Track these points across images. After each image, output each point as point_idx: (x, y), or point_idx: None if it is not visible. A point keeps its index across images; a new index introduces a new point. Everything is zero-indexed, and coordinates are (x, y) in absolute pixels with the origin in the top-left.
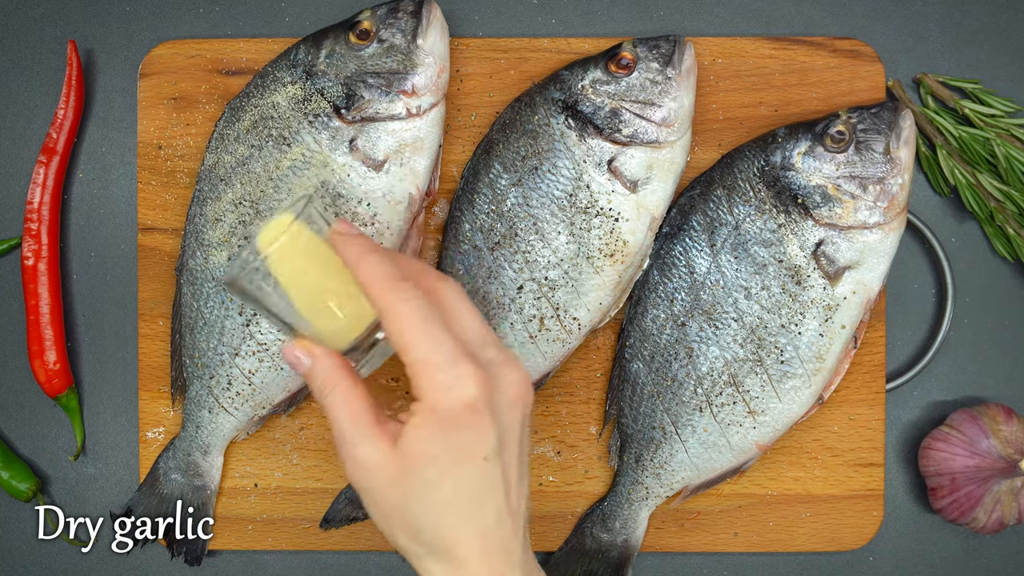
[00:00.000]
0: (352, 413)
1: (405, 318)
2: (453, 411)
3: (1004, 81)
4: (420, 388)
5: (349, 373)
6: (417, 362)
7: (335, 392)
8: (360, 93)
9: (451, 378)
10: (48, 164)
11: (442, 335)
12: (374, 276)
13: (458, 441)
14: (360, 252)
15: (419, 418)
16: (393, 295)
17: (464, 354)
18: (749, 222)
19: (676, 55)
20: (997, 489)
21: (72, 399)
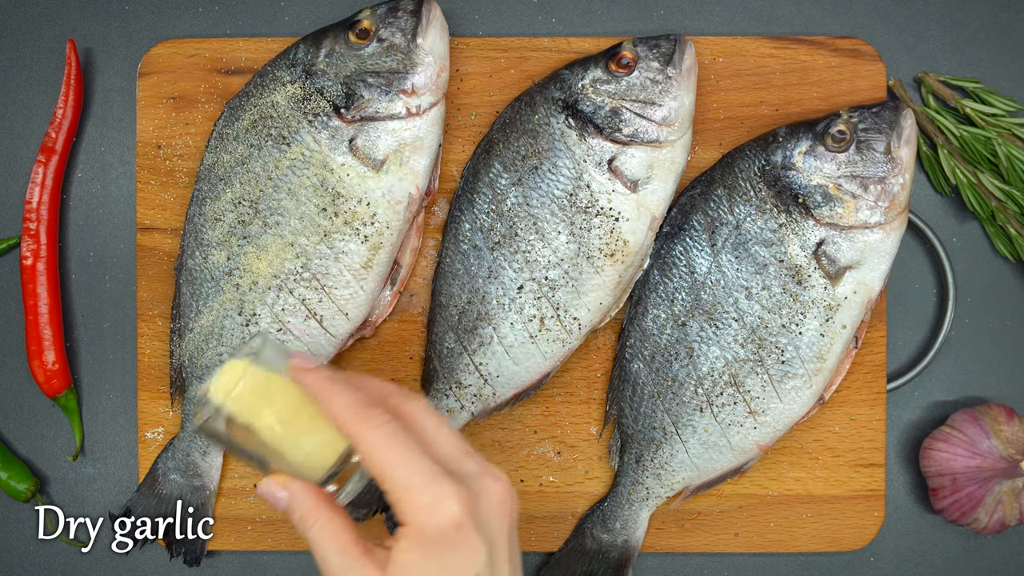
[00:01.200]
0: (337, 545)
1: (378, 446)
2: (440, 531)
3: (1005, 80)
4: (403, 512)
5: (329, 504)
6: (397, 487)
7: (317, 526)
8: (360, 92)
9: (432, 499)
10: (47, 163)
11: (418, 457)
12: (341, 407)
13: (448, 561)
14: (323, 385)
15: (406, 542)
16: (363, 424)
17: (442, 473)
18: (750, 222)
19: (676, 54)
20: (998, 490)
21: (71, 399)
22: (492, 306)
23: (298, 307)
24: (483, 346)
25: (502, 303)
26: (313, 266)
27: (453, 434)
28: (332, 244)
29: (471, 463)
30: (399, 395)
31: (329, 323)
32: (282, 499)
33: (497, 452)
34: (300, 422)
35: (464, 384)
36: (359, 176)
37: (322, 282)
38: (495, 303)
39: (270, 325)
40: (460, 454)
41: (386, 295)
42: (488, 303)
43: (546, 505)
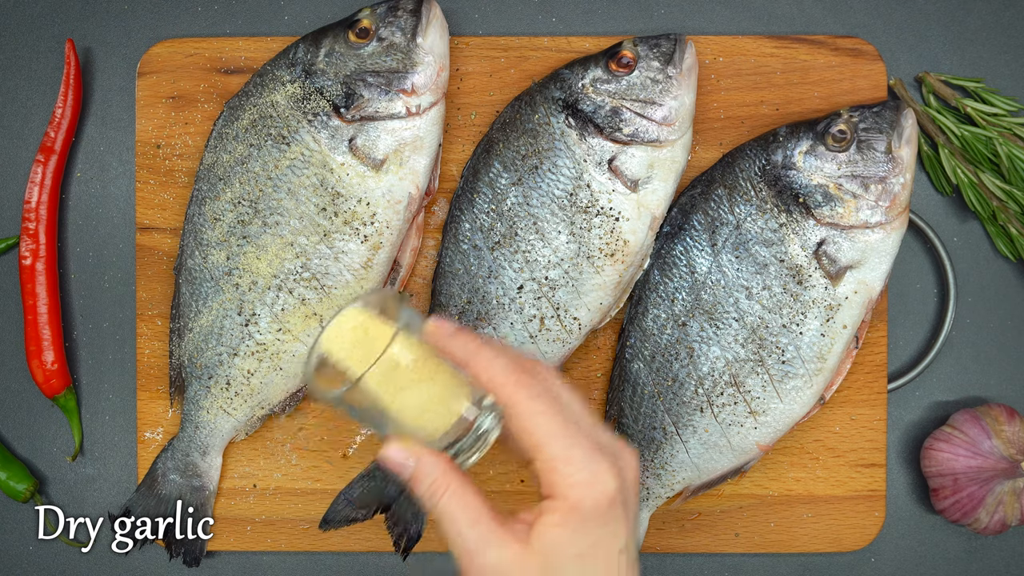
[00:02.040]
0: (471, 516)
1: (539, 415)
2: (596, 508)
3: (1006, 80)
4: (556, 486)
5: (459, 472)
6: (553, 459)
7: (447, 495)
8: (359, 92)
9: (591, 475)
10: (46, 163)
11: (575, 430)
12: (495, 371)
13: (600, 537)
14: (471, 349)
15: (558, 516)
16: (522, 392)
17: (598, 448)
18: (750, 221)
19: (677, 54)
20: (999, 490)
21: (70, 399)
22: (492, 306)
23: (298, 307)
24: None
25: (502, 303)
26: (313, 266)
27: (584, 404)
28: (332, 244)
29: (605, 435)
30: (533, 362)
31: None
32: (409, 467)
33: (497, 452)
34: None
35: None
36: (359, 176)
37: (322, 282)
38: (495, 303)
39: (270, 325)
40: (594, 425)
41: None
42: (488, 303)
43: None
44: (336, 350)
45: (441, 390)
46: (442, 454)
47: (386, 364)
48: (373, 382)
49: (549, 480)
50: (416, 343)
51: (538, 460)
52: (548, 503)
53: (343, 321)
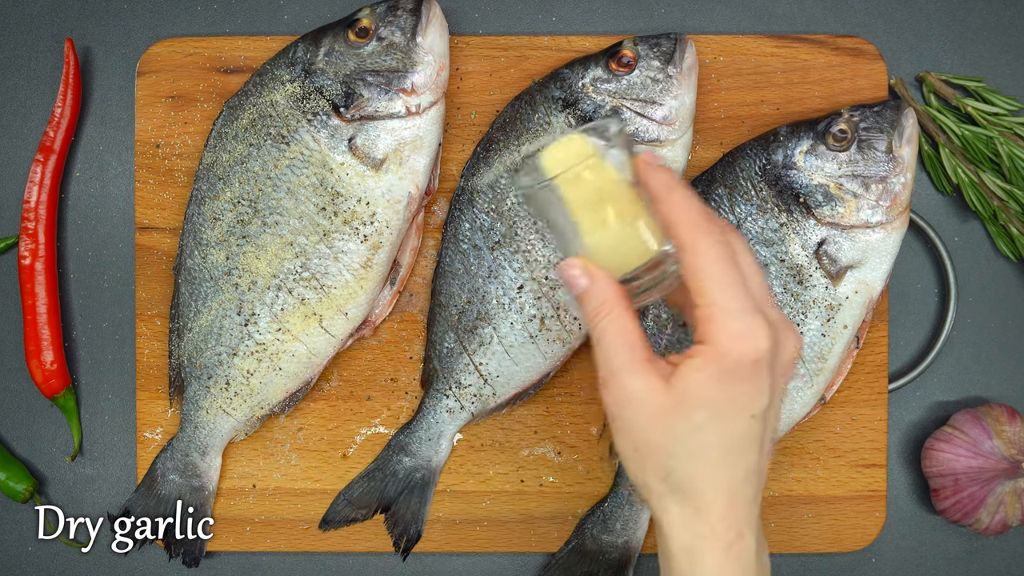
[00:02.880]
0: (627, 342)
1: (711, 260)
2: (740, 361)
3: (1007, 79)
4: (709, 332)
5: (627, 303)
6: (713, 305)
7: (611, 318)
8: (359, 91)
9: (745, 328)
10: (45, 163)
11: (742, 284)
12: (683, 212)
13: (736, 392)
14: (667, 185)
15: (702, 360)
16: (701, 235)
17: (758, 308)
18: (751, 221)
19: (677, 53)
20: (1000, 490)
21: (69, 399)
22: (492, 306)
23: (297, 307)
24: (483, 346)
25: (502, 303)
26: (312, 265)
27: (764, 279)
28: (331, 243)
29: (775, 312)
30: (723, 221)
31: (328, 323)
32: (582, 284)
33: (497, 452)
34: (619, 214)
35: (464, 384)
36: (358, 175)
37: (321, 281)
38: (495, 303)
39: (269, 325)
40: (767, 300)
41: (386, 295)
42: (488, 303)
43: (546, 506)
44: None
45: (634, 226)
46: (617, 281)
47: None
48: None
49: (704, 326)
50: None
51: (699, 304)
52: (697, 347)
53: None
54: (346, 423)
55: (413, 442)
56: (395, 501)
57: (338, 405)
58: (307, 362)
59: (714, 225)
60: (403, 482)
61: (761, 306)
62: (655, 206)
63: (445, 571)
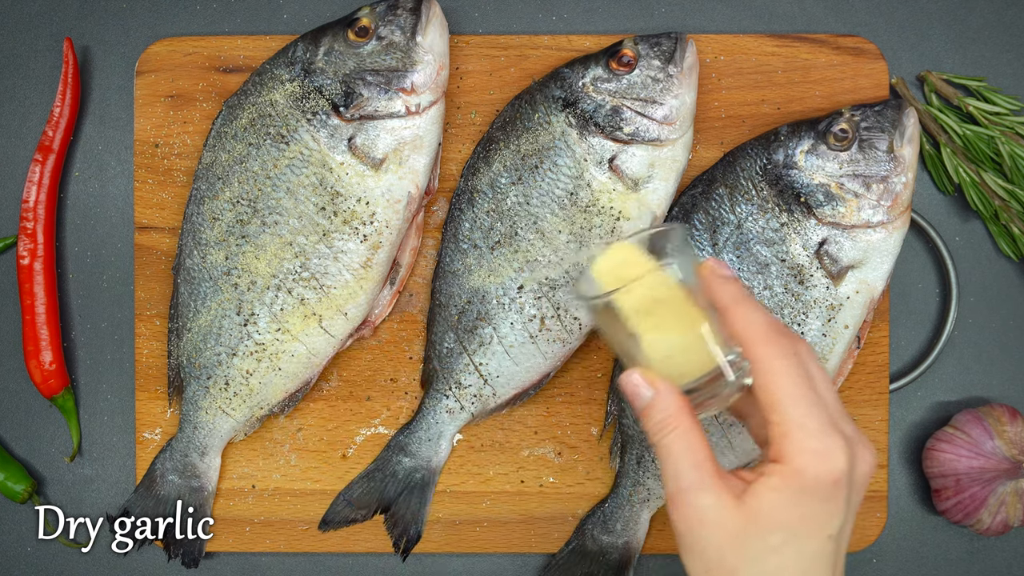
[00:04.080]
0: (695, 458)
1: (784, 376)
2: (819, 481)
3: (1009, 79)
4: (785, 450)
5: (692, 415)
6: (789, 422)
7: (677, 432)
8: (359, 91)
9: (823, 447)
10: (44, 162)
11: (818, 401)
12: (753, 325)
13: (814, 513)
14: (735, 297)
15: (779, 480)
16: (773, 349)
17: (835, 425)
18: (751, 221)
19: (678, 52)
20: (1002, 490)
21: (68, 400)
22: (492, 306)
23: (297, 307)
24: (483, 346)
25: (502, 303)
26: (312, 265)
27: (834, 389)
28: (331, 243)
29: (850, 426)
30: (791, 332)
31: (328, 323)
32: (644, 397)
33: (497, 452)
34: (681, 323)
35: (464, 384)
36: (358, 175)
37: (321, 281)
38: (495, 303)
39: (269, 325)
40: (842, 412)
41: (385, 295)
42: (488, 303)
43: (546, 506)
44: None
45: (697, 335)
46: (681, 392)
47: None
48: (628, 305)
49: (779, 444)
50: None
51: (773, 422)
52: (772, 466)
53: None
54: (346, 423)
55: (413, 442)
56: (395, 501)
57: (338, 405)
58: (307, 362)
59: (785, 339)
60: (403, 482)
61: (838, 423)
62: (722, 317)
63: (445, 572)
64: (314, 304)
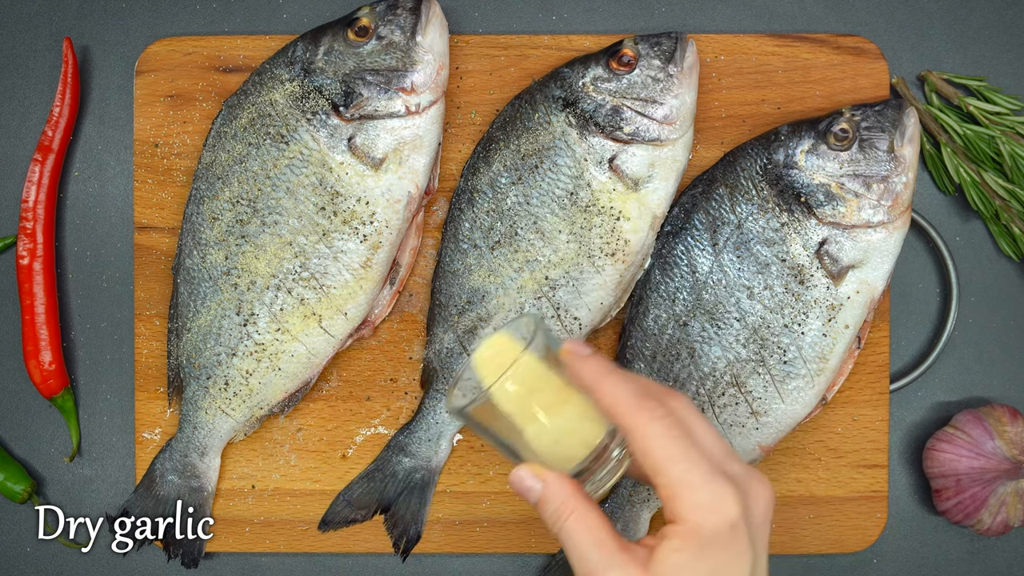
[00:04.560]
0: (595, 539)
1: (657, 438)
2: (716, 532)
3: (1010, 78)
4: (675, 510)
5: (585, 496)
6: (674, 483)
7: (573, 518)
8: (359, 91)
9: (711, 498)
10: (43, 162)
11: (696, 454)
12: (617, 397)
13: (720, 563)
14: (598, 373)
15: (678, 541)
16: (643, 415)
17: (720, 472)
18: (752, 221)
19: (678, 52)
20: (1002, 491)
21: (67, 400)
22: (492, 306)
23: (296, 307)
24: None
25: (502, 303)
26: (312, 265)
27: (716, 432)
28: (331, 243)
29: (737, 464)
30: (664, 391)
31: (328, 323)
32: (535, 490)
33: (497, 453)
34: (560, 411)
35: None
36: (358, 175)
37: (320, 281)
38: (495, 303)
39: (268, 325)
40: (726, 454)
41: (385, 295)
42: (488, 303)
43: None
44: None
45: (574, 418)
46: (568, 478)
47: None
48: (504, 401)
49: (671, 505)
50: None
51: (660, 485)
52: (669, 527)
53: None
54: (345, 423)
55: (413, 442)
56: (395, 502)
57: (337, 405)
58: (306, 362)
59: (653, 401)
60: (403, 483)
61: (722, 466)
62: (591, 396)
63: (445, 572)
64: (314, 304)
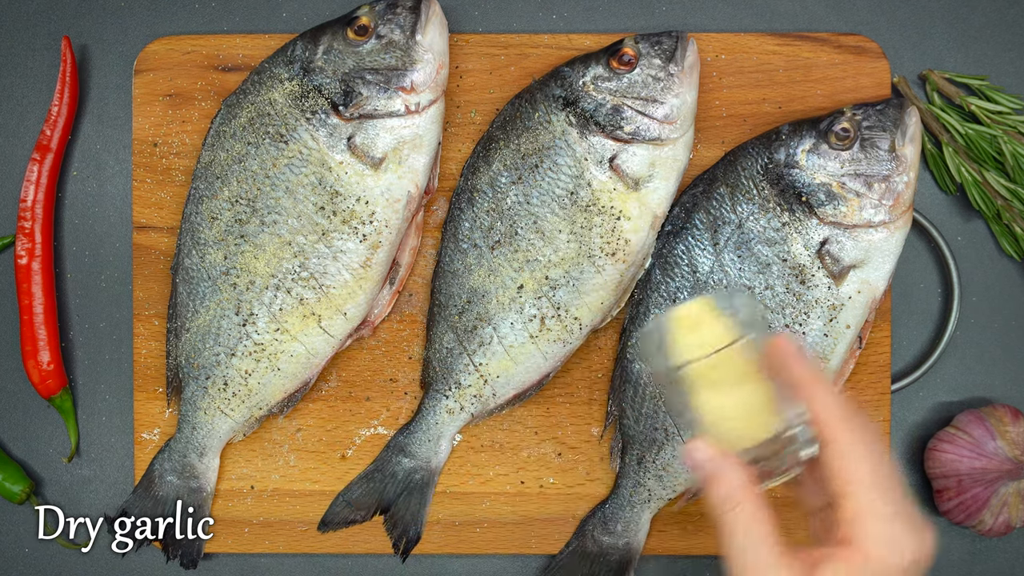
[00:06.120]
0: (761, 535)
1: (856, 459)
2: (886, 570)
3: (1011, 77)
4: (855, 534)
5: (756, 488)
6: (861, 507)
7: (743, 508)
8: (358, 90)
9: (891, 536)
10: (42, 162)
11: (889, 486)
12: (829, 406)
13: None
14: (812, 377)
15: (846, 565)
16: (851, 434)
17: (904, 513)
18: (753, 220)
19: (678, 51)
20: (1004, 491)
21: (66, 400)
22: (492, 306)
23: (296, 307)
24: (483, 346)
25: (502, 303)
26: (311, 265)
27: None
28: (330, 243)
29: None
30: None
31: (327, 323)
32: (709, 468)
33: (497, 453)
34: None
35: (464, 385)
36: (357, 174)
37: (320, 281)
38: (495, 303)
39: (267, 325)
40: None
41: (385, 295)
42: (488, 303)
43: (547, 507)
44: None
45: (761, 405)
46: (745, 465)
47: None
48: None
49: (849, 527)
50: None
51: (844, 505)
52: (840, 550)
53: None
54: (345, 424)
55: (412, 443)
56: (394, 502)
57: (337, 406)
58: (306, 362)
59: (860, 421)
60: (402, 483)
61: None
62: (797, 394)
63: (445, 573)
64: (313, 304)
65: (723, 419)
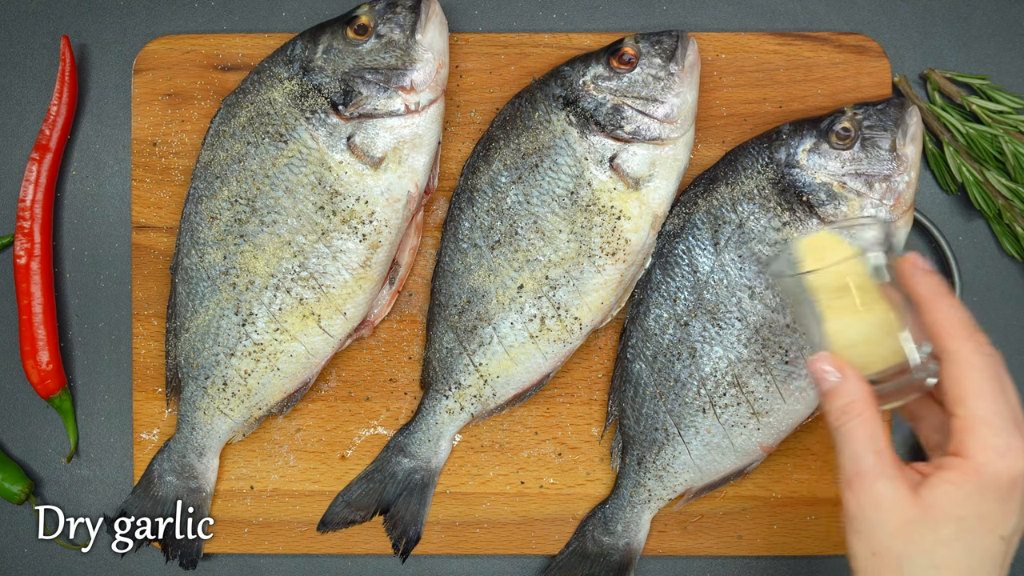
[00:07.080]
0: (876, 446)
1: (977, 371)
2: (997, 479)
3: (1012, 77)
4: (967, 445)
5: (876, 404)
6: (974, 418)
7: (861, 419)
8: (358, 89)
9: (1005, 445)
10: (41, 161)
11: (1003, 400)
12: (952, 318)
13: (990, 511)
14: (935, 291)
15: (957, 474)
16: (969, 344)
17: (1019, 427)
18: (753, 220)
19: (679, 50)
20: None
21: (65, 400)
22: (492, 305)
23: (295, 306)
24: (483, 346)
25: (502, 302)
26: (311, 265)
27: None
28: (330, 243)
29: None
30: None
31: (327, 323)
32: (832, 381)
33: (497, 453)
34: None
35: (463, 385)
36: (357, 174)
37: (320, 281)
38: (495, 302)
39: (267, 325)
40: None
41: (385, 294)
42: (488, 302)
43: (547, 507)
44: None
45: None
46: (866, 380)
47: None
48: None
49: (961, 438)
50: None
51: (958, 415)
52: (951, 459)
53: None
54: (345, 424)
55: (412, 443)
56: (394, 503)
57: (337, 406)
58: (305, 362)
59: (981, 336)
60: (402, 483)
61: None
62: (920, 310)
63: (444, 573)
64: (313, 304)
65: (850, 342)
